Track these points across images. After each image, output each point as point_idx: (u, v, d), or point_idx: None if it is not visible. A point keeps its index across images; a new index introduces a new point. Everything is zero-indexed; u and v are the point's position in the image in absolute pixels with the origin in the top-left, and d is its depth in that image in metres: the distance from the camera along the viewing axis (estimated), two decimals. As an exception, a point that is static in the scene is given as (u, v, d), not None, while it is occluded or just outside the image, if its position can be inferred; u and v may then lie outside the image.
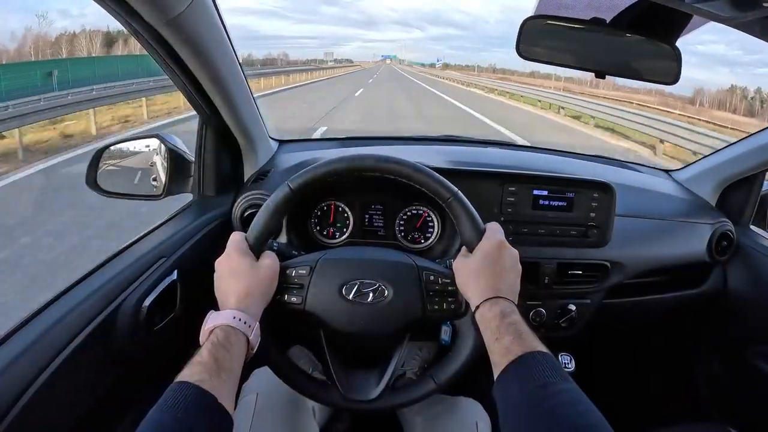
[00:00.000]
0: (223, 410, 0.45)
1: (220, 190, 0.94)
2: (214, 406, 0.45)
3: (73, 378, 0.58)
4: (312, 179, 0.61)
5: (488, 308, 0.54)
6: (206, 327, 0.53)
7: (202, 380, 0.45)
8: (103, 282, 0.66)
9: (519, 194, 0.88)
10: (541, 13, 0.72)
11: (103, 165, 0.90)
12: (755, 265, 0.99)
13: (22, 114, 5.62)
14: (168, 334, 0.74)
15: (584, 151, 1.27)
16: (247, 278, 0.57)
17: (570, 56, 0.72)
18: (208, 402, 0.44)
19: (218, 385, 0.46)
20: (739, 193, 1.06)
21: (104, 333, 0.63)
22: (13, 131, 5.54)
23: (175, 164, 0.91)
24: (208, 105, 0.81)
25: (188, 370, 0.47)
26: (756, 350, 1.00)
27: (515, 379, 0.46)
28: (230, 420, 0.46)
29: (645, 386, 1.27)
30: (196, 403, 0.43)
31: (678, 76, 0.71)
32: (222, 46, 0.71)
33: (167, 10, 0.56)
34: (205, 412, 0.44)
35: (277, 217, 0.61)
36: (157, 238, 0.79)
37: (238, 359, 0.51)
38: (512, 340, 0.49)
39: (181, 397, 0.43)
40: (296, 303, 0.61)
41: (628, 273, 0.94)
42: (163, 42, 0.63)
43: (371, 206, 0.94)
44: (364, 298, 0.61)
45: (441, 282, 0.62)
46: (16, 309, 0.66)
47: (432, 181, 0.61)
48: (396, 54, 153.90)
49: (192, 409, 0.43)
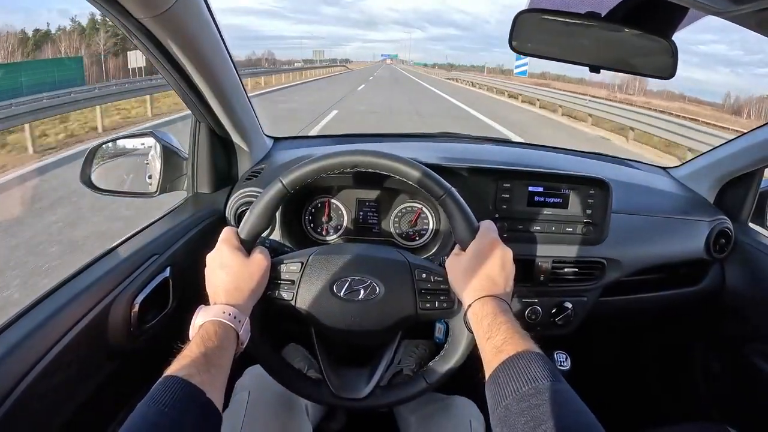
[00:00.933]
0: (212, 405, 0.45)
1: (215, 188, 0.94)
2: (202, 401, 0.44)
3: (65, 374, 0.58)
4: (304, 175, 0.60)
5: (480, 307, 0.54)
6: (195, 322, 0.53)
7: (190, 375, 0.45)
8: (95, 279, 0.66)
9: (514, 191, 0.87)
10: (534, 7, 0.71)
11: (98, 163, 0.91)
12: (753, 263, 0.98)
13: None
14: (160, 331, 0.73)
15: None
16: (237, 273, 0.56)
17: (564, 50, 0.72)
18: (196, 397, 0.44)
19: (207, 380, 0.46)
20: (737, 190, 1.05)
21: (96, 329, 0.63)
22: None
23: (169, 162, 0.91)
24: (200, 102, 0.80)
25: (177, 365, 0.46)
26: (754, 348, 0.99)
27: (507, 379, 0.45)
28: (219, 415, 0.46)
29: (643, 385, 1.26)
30: (184, 398, 0.43)
31: (674, 70, 0.70)
32: (213, 42, 0.70)
33: (154, 6, 0.56)
34: (193, 407, 0.43)
35: (269, 213, 0.60)
36: (150, 235, 0.78)
37: (227, 354, 0.51)
38: (504, 340, 0.49)
39: (169, 391, 0.43)
40: (287, 299, 0.60)
41: (625, 270, 0.93)
42: (153, 38, 0.63)
43: (365, 203, 0.93)
44: (356, 295, 0.60)
45: (433, 280, 0.61)
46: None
47: (425, 177, 0.61)
48: (398, 54, 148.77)
49: (180, 403, 0.43)
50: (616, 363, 1.29)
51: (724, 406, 1.08)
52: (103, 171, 0.92)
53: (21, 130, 5.71)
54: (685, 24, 0.71)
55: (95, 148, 0.89)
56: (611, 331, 1.21)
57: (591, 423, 0.41)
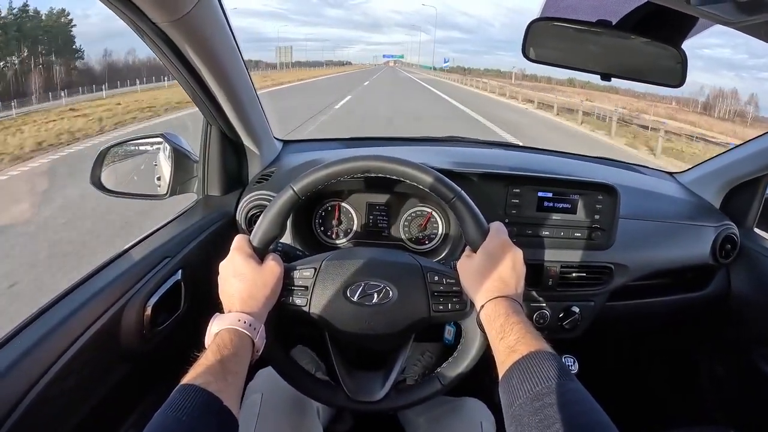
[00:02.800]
0: (229, 413, 0.45)
1: (225, 190, 0.94)
2: (219, 409, 0.45)
3: (79, 376, 0.58)
4: (315, 181, 0.60)
5: (493, 307, 0.54)
6: (211, 330, 0.54)
7: (207, 383, 0.45)
8: (108, 282, 0.66)
9: (523, 196, 0.88)
10: (546, 15, 0.72)
11: (109, 164, 0.91)
12: (759, 268, 0.99)
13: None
14: (172, 334, 0.74)
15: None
16: (251, 281, 0.57)
17: (576, 58, 0.73)
18: (213, 405, 0.44)
19: (224, 388, 0.46)
20: (743, 195, 1.05)
21: (109, 332, 0.63)
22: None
23: (179, 164, 0.91)
24: (213, 105, 0.81)
25: (193, 373, 0.47)
26: (760, 353, 1.00)
27: (521, 379, 0.45)
28: (236, 422, 0.46)
29: (649, 389, 1.27)
30: (202, 406, 0.44)
31: (684, 78, 0.71)
32: (227, 47, 0.71)
33: (173, 11, 0.57)
34: (210, 415, 0.44)
35: (281, 220, 0.61)
36: (162, 238, 0.79)
37: (243, 362, 0.52)
38: (517, 340, 0.49)
39: (186, 400, 0.43)
40: (301, 305, 0.61)
41: (632, 275, 0.94)
42: (168, 42, 0.63)
43: (376, 207, 0.94)
44: (369, 299, 0.61)
45: (446, 282, 0.62)
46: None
47: (435, 181, 0.61)
48: (403, 54, 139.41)
49: (197, 412, 0.43)
50: (622, 366, 1.29)
51: (730, 409, 1.08)
52: (113, 172, 0.92)
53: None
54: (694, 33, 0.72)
55: (105, 150, 0.90)
56: (618, 335, 1.21)
57: (604, 422, 0.41)
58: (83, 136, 8.25)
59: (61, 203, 4.12)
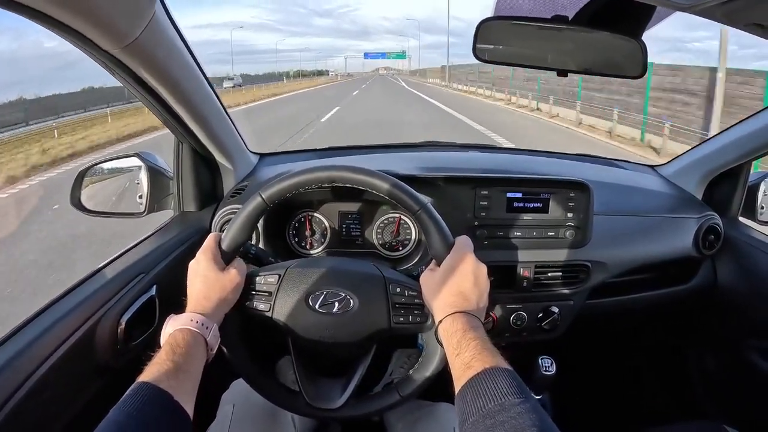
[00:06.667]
0: (180, 408, 0.47)
1: (201, 206, 0.96)
2: (169, 404, 0.46)
3: (53, 392, 0.60)
4: (282, 189, 0.62)
5: (450, 323, 0.54)
6: (166, 330, 0.55)
7: (158, 380, 0.47)
8: (82, 299, 0.68)
9: (492, 197, 0.87)
10: (498, 15, 0.71)
11: (87, 185, 0.93)
12: (744, 258, 0.97)
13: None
14: (147, 348, 0.75)
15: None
16: (209, 283, 0.59)
17: (531, 56, 0.72)
18: (163, 400, 0.46)
19: (175, 385, 0.48)
20: (726, 185, 1.03)
21: (84, 348, 0.65)
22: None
23: (155, 182, 0.93)
24: (179, 124, 0.82)
25: (147, 372, 0.49)
26: (749, 344, 0.98)
27: (474, 396, 0.45)
28: (187, 418, 0.48)
29: (638, 386, 1.25)
30: (152, 401, 0.45)
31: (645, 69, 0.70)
32: (184, 66, 0.72)
33: (122, 38, 0.58)
34: (160, 410, 0.45)
35: (249, 226, 0.63)
36: (137, 254, 0.80)
37: (195, 360, 0.53)
38: (473, 356, 0.49)
39: (137, 396, 0.45)
40: (264, 310, 0.62)
41: (612, 272, 0.93)
42: (125, 68, 0.65)
43: (348, 215, 0.94)
44: (331, 308, 0.61)
45: (407, 294, 0.62)
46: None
47: (401, 192, 0.61)
48: (405, 52, 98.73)
49: (147, 407, 0.45)
50: (610, 364, 1.27)
51: (721, 403, 1.06)
52: (93, 192, 0.94)
53: None
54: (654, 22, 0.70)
55: (84, 171, 0.92)
56: (603, 332, 1.20)
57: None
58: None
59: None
